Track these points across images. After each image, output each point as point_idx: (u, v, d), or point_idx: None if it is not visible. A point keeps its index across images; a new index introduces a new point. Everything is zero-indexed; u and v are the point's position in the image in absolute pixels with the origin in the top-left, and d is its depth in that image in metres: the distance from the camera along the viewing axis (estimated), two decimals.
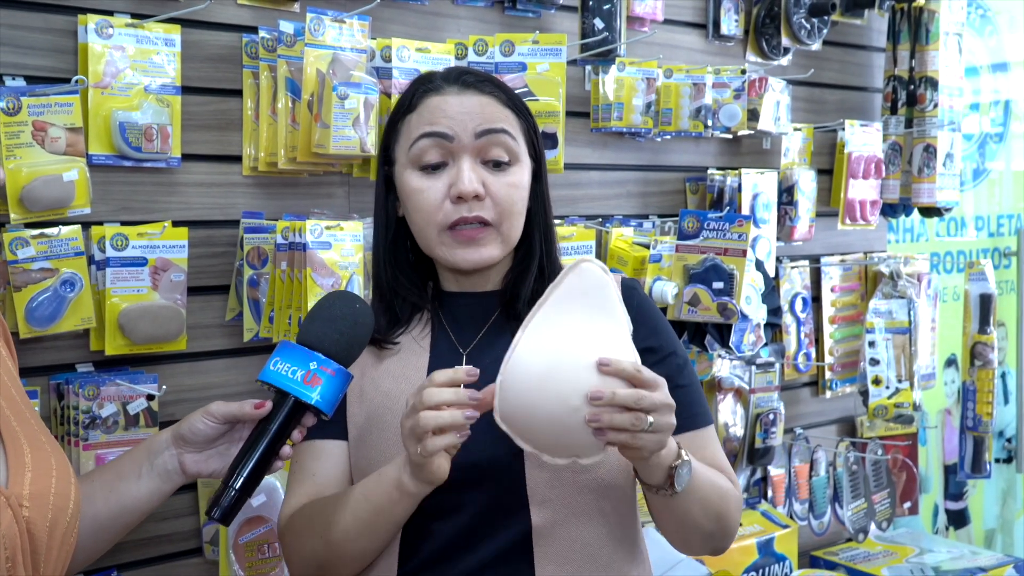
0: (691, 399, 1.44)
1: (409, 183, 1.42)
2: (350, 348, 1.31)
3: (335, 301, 1.32)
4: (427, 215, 1.40)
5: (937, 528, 3.73)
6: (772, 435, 2.79)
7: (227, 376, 1.99)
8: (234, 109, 1.97)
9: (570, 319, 1.22)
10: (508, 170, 1.41)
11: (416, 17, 2.19)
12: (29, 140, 1.68)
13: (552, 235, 1.50)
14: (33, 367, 1.78)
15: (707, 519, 1.38)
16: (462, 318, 1.48)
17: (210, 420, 1.31)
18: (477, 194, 1.38)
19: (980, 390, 3.31)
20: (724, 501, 1.40)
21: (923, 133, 3.00)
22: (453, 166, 1.40)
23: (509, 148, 1.41)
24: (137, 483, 1.32)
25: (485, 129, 1.39)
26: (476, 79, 1.44)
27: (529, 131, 1.47)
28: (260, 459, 1.27)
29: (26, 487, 1.07)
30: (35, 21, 1.76)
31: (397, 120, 1.46)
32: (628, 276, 2.28)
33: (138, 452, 1.35)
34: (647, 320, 1.46)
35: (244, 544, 1.95)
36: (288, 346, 1.29)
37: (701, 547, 1.45)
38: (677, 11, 2.64)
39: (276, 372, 1.27)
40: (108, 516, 1.31)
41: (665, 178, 2.66)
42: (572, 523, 1.38)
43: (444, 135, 1.39)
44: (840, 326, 3.06)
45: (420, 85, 1.46)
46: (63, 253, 1.73)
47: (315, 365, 1.27)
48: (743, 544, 2.62)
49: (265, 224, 1.96)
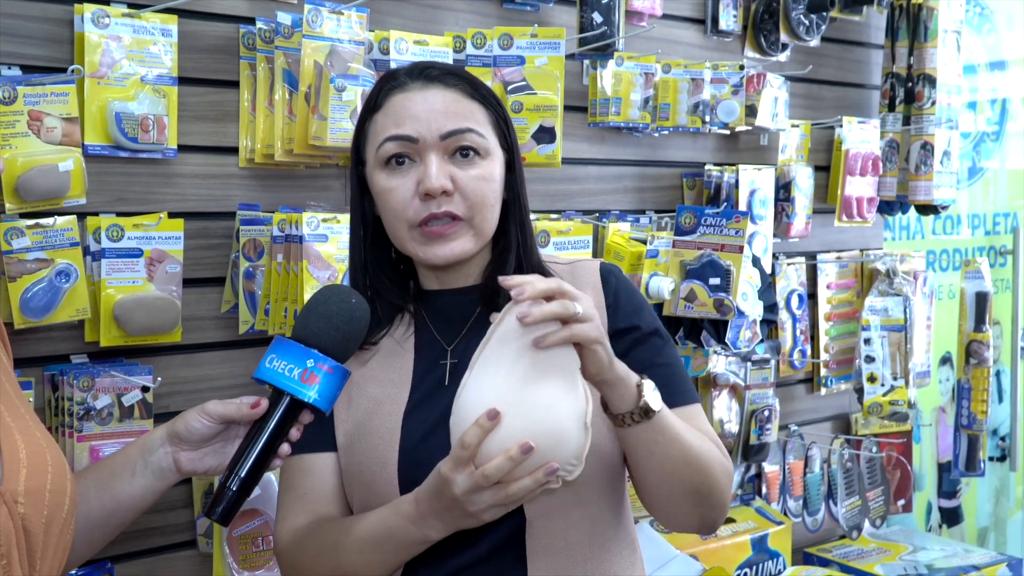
0: (674, 378, 1.42)
1: (378, 183, 1.41)
2: (347, 344, 1.28)
3: (331, 296, 1.29)
4: (397, 213, 1.39)
5: (931, 526, 3.73)
6: (767, 432, 2.80)
7: (222, 368, 1.99)
8: (231, 100, 1.96)
9: (508, 364, 1.22)
10: (477, 163, 1.40)
11: (414, 9, 2.18)
12: (25, 130, 1.67)
13: (528, 226, 1.48)
14: (28, 358, 1.77)
15: (690, 471, 1.34)
16: (445, 315, 1.47)
17: (206, 419, 1.29)
18: (445, 189, 1.36)
19: (975, 388, 3.32)
20: (708, 455, 1.36)
21: (920, 131, 3.00)
22: (420, 163, 1.38)
23: (476, 143, 1.39)
24: (131, 481, 1.30)
25: (450, 131, 1.37)
26: (440, 72, 1.42)
27: (499, 121, 1.44)
28: (258, 459, 1.24)
29: (21, 483, 1.06)
30: (32, 10, 1.75)
31: (365, 120, 1.44)
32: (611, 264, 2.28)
33: (132, 450, 1.33)
34: (628, 302, 1.46)
35: (238, 537, 1.94)
36: (283, 342, 1.26)
37: (689, 515, 1.39)
38: (675, 6, 2.63)
39: (272, 370, 1.24)
40: (102, 514, 1.30)
41: (662, 173, 2.66)
42: (564, 518, 1.37)
43: (409, 138, 1.37)
44: (836, 323, 3.07)
45: (385, 83, 1.43)
46: (58, 243, 1.72)
47: (312, 362, 1.24)
48: (737, 540, 2.62)
49: (261, 216, 1.96)
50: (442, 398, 1.38)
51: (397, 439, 1.38)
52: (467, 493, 1.21)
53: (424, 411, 1.39)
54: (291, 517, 1.43)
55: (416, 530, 1.29)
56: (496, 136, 1.43)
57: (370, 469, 1.38)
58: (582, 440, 1.22)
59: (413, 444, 1.37)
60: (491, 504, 1.22)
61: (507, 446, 1.19)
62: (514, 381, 1.21)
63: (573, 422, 1.22)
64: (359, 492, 1.41)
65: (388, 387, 1.42)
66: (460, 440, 1.21)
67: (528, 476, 1.20)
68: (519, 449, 1.18)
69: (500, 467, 1.19)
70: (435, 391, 1.41)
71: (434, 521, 1.27)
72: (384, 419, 1.39)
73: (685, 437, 1.33)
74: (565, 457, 1.22)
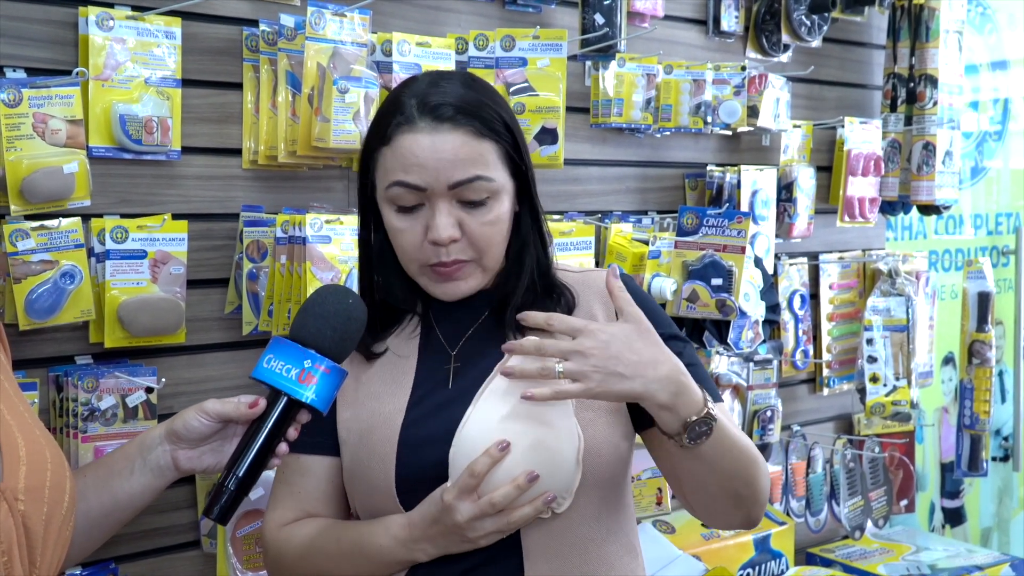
0: (701, 379, 1.42)
1: (388, 219, 1.41)
2: (344, 344, 1.28)
3: (328, 296, 1.29)
4: (407, 254, 1.40)
5: (933, 526, 3.73)
6: (769, 432, 2.80)
7: (226, 369, 1.99)
8: (234, 102, 1.97)
9: (514, 399, 1.29)
10: (487, 206, 1.38)
11: (417, 11, 2.19)
12: (30, 132, 1.68)
13: (544, 237, 1.47)
14: (32, 359, 1.78)
15: (734, 481, 1.35)
16: (452, 319, 1.47)
17: (204, 418, 1.29)
18: (453, 239, 1.37)
19: (977, 388, 3.32)
20: (754, 466, 1.36)
21: (922, 131, 3.00)
22: (428, 208, 1.37)
23: (485, 190, 1.38)
24: (129, 479, 1.31)
25: (458, 181, 1.36)
26: (451, 111, 1.37)
27: (509, 151, 1.41)
28: (256, 458, 1.25)
29: (21, 480, 1.06)
30: (36, 13, 1.75)
31: (373, 148, 1.41)
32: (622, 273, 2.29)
33: (130, 448, 1.34)
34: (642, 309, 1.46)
35: (242, 537, 1.95)
36: (281, 343, 1.26)
37: (729, 514, 1.41)
38: (677, 7, 2.64)
39: (269, 370, 1.24)
40: (100, 512, 1.30)
41: (664, 174, 2.67)
42: (563, 519, 1.37)
43: (416, 187, 1.36)
44: (838, 323, 3.07)
45: (394, 116, 1.39)
46: (63, 245, 1.73)
47: (309, 363, 1.24)
48: (739, 540, 2.62)
49: (265, 217, 1.96)
50: (444, 400, 1.39)
51: (395, 441, 1.38)
52: (471, 520, 1.27)
53: (424, 413, 1.39)
54: (280, 510, 1.46)
55: (405, 552, 1.34)
56: (507, 169, 1.41)
57: (372, 468, 1.39)
58: (575, 474, 1.33)
59: (412, 447, 1.37)
60: (492, 531, 1.29)
61: (512, 475, 1.27)
62: (517, 416, 1.29)
63: (570, 456, 1.32)
64: (360, 489, 1.42)
65: (391, 386, 1.43)
66: (469, 468, 1.26)
67: (529, 504, 1.28)
68: (526, 478, 1.27)
69: (508, 495, 1.26)
70: (437, 393, 1.41)
71: (426, 545, 1.32)
72: (385, 421, 1.40)
73: (732, 453, 1.33)
74: (560, 488, 1.31)
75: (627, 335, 1.25)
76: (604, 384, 1.23)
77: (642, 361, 1.24)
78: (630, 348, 1.24)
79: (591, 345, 1.23)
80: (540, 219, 1.47)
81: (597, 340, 1.24)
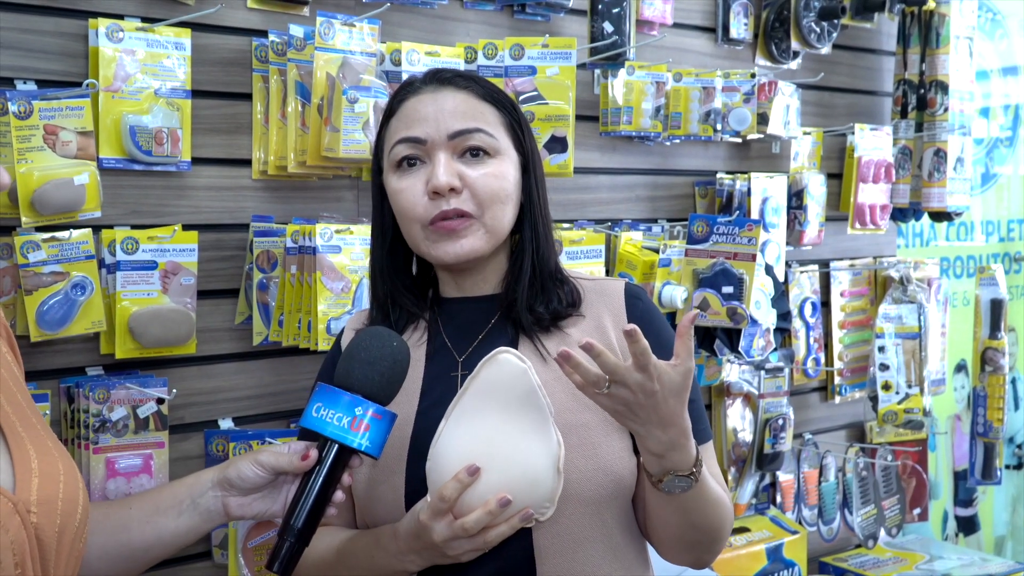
0: (695, 415, 1.42)
1: (391, 184, 1.43)
2: (391, 387, 1.29)
3: (372, 341, 1.29)
4: (408, 212, 1.40)
5: (947, 534, 3.71)
6: (781, 440, 2.78)
7: (237, 380, 1.99)
8: (244, 113, 1.97)
9: (485, 416, 1.28)
10: (487, 161, 1.40)
11: (426, 21, 2.19)
12: (40, 144, 1.68)
13: (546, 231, 1.47)
14: (43, 370, 1.78)
15: (696, 531, 1.37)
16: (460, 324, 1.47)
17: (259, 469, 1.30)
18: (452, 187, 1.37)
19: (991, 396, 3.30)
20: (720, 523, 1.39)
21: (933, 137, 2.99)
22: (430, 163, 1.40)
23: (485, 143, 1.40)
24: (176, 519, 1.32)
25: (458, 130, 1.39)
26: (453, 75, 1.45)
27: (513, 125, 1.45)
28: (312, 509, 1.25)
29: (33, 493, 1.06)
30: (46, 25, 1.76)
31: (382, 128, 1.47)
32: (636, 282, 2.28)
33: (179, 488, 1.35)
34: (649, 332, 1.43)
35: (253, 548, 1.95)
36: (328, 390, 1.25)
37: (681, 554, 1.43)
38: (686, 15, 2.63)
39: (319, 419, 1.24)
40: (142, 546, 1.32)
41: (674, 182, 2.66)
42: (574, 536, 1.37)
43: (417, 139, 1.39)
44: (850, 331, 3.05)
45: (401, 90, 1.46)
46: (74, 257, 1.73)
47: (360, 410, 1.24)
48: (752, 550, 2.61)
49: (275, 228, 1.97)
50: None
51: (405, 453, 1.39)
52: (446, 541, 1.27)
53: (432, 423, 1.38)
54: None
55: (396, 562, 1.35)
56: (510, 138, 1.44)
57: (379, 480, 1.39)
58: (555, 484, 1.29)
59: (420, 454, 1.36)
60: (469, 549, 1.28)
61: (485, 498, 1.25)
62: (490, 432, 1.27)
63: (547, 469, 1.28)
64: (368, 500, 1.42)
65: (399, 395, 1.42)
66: (439, 493, 1.26)
67: (504, 523, 1.27)
68: (497, 503, 1.25)
69: (479, 520, 1.25)
70: (445, 402, 1.40)
71: (413, 557, 1.33)
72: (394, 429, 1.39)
73: (707, 508, 1.34)
74: (539, 501, 1.29)
75: (669, 392, 1.22)
76: (619, 416, 1.24)
77: (660, 418, 1.23)
78: (664, 402, 1.22)
79: (646, 390, 1.20)
80: (543, 214, 1.47)
81: (648, 391, 1.21)
